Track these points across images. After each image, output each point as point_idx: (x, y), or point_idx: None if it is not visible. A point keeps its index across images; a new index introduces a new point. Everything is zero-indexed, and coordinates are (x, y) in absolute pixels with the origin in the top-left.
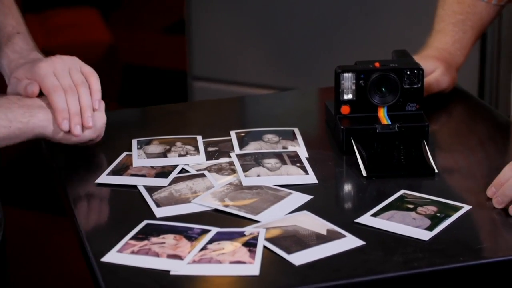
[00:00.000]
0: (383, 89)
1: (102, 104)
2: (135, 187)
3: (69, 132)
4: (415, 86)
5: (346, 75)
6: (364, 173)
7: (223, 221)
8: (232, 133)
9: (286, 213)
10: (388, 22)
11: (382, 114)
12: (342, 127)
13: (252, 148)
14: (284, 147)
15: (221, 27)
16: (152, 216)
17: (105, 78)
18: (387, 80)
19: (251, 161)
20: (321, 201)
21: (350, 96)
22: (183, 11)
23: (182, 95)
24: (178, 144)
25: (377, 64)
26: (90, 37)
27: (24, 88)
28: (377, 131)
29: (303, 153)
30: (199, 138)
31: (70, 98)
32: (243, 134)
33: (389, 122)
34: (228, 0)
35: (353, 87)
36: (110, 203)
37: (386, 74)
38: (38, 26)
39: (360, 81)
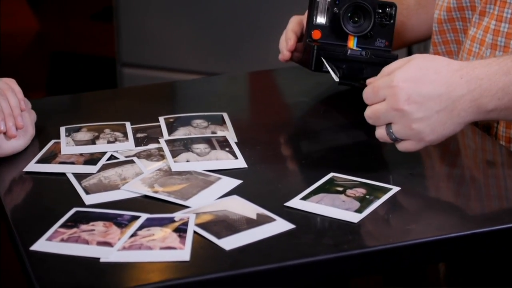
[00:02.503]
0: (356, 19)
1: (27, 112)
2: (64, 174)
3: (5, 134)
4: (387, 22)
5: None
6: (336, 79)
7: (153, 207)
8: (161, 119)
9: (216, 198)
10: None
11: (352, 44)
12: (313, 45)
13: (181, 133)
14: (213, 132)
15: (149, 13)
16: (81, 203)
17: (33, 65)
18: (361, 9)
19: (180, 147)
20: (251, 186)
21: (323, 21)
22: None
23: (111, 82)
24: (107, 130)
25: None
26: (17, 25)
27: None
28: (347, 54)
29: (232, 137)
30: (128, 125)
31: (2, 102)
32: (172, 120)
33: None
34: None
35: (327, 12)
36: (38, 191)
37: (361, 3)
38: None
39: (335, 8)
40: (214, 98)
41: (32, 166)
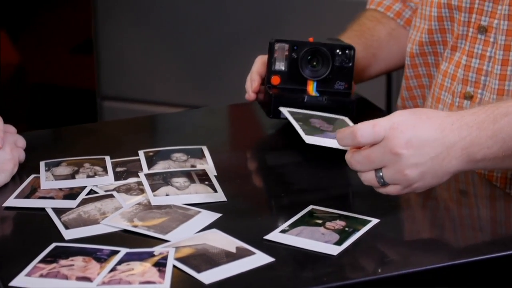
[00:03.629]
0: (315, 63)
1: (9, 147)
2: (43, 209)
3: None
4: (346, 65)
5: (279, 45)
6: (305, 137)
7: (132, 241)
8: (141, 153)
9: (196, 232)
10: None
11: (311, 88)
12: (271, 93)
13: (161, 167)
14: (193, 166)
15: (129, 46)
16: (61, 238)
17: (13, 98)
18: (319, 54)
19: (159, 181)
20: (230, 219)
21: (282, 67)
22: (90, 30)
23: (91, 115)
24: (86, 165)
25: (310, 39)
26: None
27: None
28: (305, 100)
29: (211, 171)
30: (107, 159)
31: None
32: (151, 154)
33: (317, 95)
34: (135, 19)
35: (285, 58)
36: (18, 227)
37: (318, 47)
38: None
39: (293, 53)
40: (193, 131)
41: (12, 201)
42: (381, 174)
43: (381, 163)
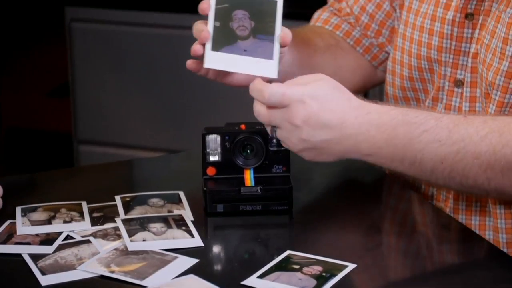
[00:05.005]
0: (248, 151)
1: None
2: (19, 255)
3: None
4: (281, 149)
5: (211, 136)
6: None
7: (109, 287)
8: (117, 198)
9: (173, 278)
10: None
11: (248, 176)
12: (205, 188)
13: (138, 212)
14: (170, 211)
15: (105, 90)
16: (37, 284)
17: None
18: (252, 142)
19: (136, 226)
20: (208, 265)
21: (216, 158)
22: (67, 74)
23: (68, 159)
24: (63, 210)
25: (242, 126)
26: None
27: None
28: (241, 193)
29: (188, 216)
30: (84, 204)
31: None
32: (128, 199)
33: (253, 184)
34: (111, 63)
35: (219, 149)
36: None
37: (251, 136)
38: None
39: (226, 143)
40: (170, 176)
41: None
42: (275, 130)
43: (278, 124)
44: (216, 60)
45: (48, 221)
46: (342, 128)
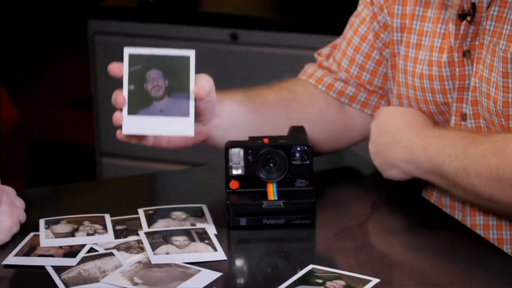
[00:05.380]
0: (271, 165)
1: (8, 207)
2: (43, 267)
3: None
4: (304, 163)
5: (234, 150)
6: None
7: None
8: (140, 211)
9: None
10: None
11: (271, 190)
12: (228, 202)
13: (161, 225)
14: (193, 224)
15: None
16: None
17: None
18: (275, 156)
19: (159, 239)
20: (230, 278)
21: (239, 172)
22: (90, 87)
23: (90, 171)
24: (86, 223)
25: (265, 140)
26: None
27: None
28: (263, 206)
29: (211, 229)
30: (107, 217)
31: None
32: (151, 212)
33: (276, 198)
34: None
35: (242, 163)
36: (18, 285)
37: (273, 150)
38: None
39: (249, 157)
40: (193, 189)
41: (11, 259)
42: None
43: None
44: (133, 125)
45: (72, 234)
46: (397, 134)
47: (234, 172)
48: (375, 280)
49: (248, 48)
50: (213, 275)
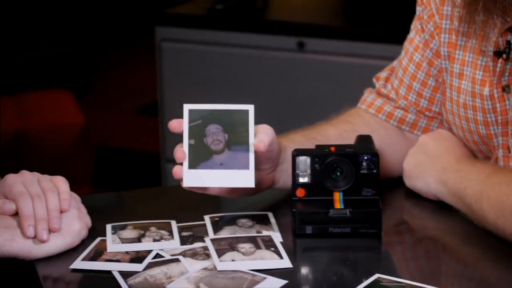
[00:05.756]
0: (338, 174)
1: (77, 211)
2: (109, 272)
3: (35, 237)
4: (371, 172)
5: (301, 158)
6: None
7: None
8: (206, 218)
9: None
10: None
11: (338, 198)
12: (294, 210)
13: (227, 232)
14: (258, 232)
15: None
16: None
17: (78, 160)
18: (342, 165)
19: (225, 246)
20: (296, 286)
21: (306, 180)
22: (156, 93)
23: (155, 178)
24: (153, 228)
25: (332, 149)
26: (63, 120)
27: (1, 207)
28: (330, 215)
29: (277, 237)
30: (173, 223)
31: (37, 204)
32: (217, 219)
33: (342, 207)
34: (200, 83)
35: (309, 171)
36: None
37: (340, 159)
38: (11, 108)
39: (316, 165)
40: (259, 197)
41: (78, 264)
42: None
43: None
44: (194, 178)
45: (138, 239)
46: (439, 154)
47: (301, 180)
48: None
49: (315, 57)
50: (279, 282)
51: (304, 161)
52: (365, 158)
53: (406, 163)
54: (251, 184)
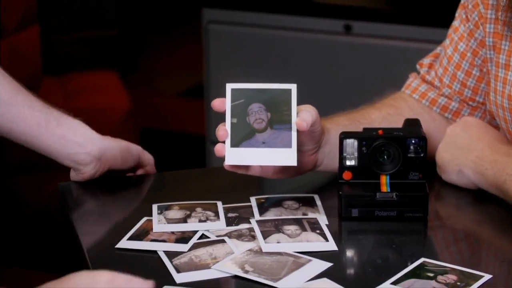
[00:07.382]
0: (385, 157)
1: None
2: (155, 252)
3: None
4: (418, 156)
5: (348, 141)
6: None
7: (243, 287)
8: (252, 199)
9: (306, 280)
10: None
11: (384, 182)
12: (340, 192)
13: (272, 214)
14: (304, 214)
15: None
16: (172, 281)
17: None
18: (389, 148)
19: (271, 228)
20: (341, 269)
21: (352, 162)
22: (201, 75)
23: (200, 159)
24: (198, 209)
25: (380, 132)
26: (108, 101)
27: None
28: (376, 198)
29: (323, 220)
30: (219, 204)
31: None
32: (263, 200)
33: (389, 190)
34: (246, 65)
35: (356, 154)
36: (130, 268)
37: (387, 142)
38: (58, 89)
39: (363, 148)
40: (305, 179)
41: (124, 243)
42: None
43: None
44: (236, 156)
45: (184, 220)
46: (472, 143)
47: (348, 162)
48: (487, 276)
49: (362, 40)
50: (324, 265)
51: (351, 144)
52: (413, 141)
53: (439, 158)
54: (293, 163)
